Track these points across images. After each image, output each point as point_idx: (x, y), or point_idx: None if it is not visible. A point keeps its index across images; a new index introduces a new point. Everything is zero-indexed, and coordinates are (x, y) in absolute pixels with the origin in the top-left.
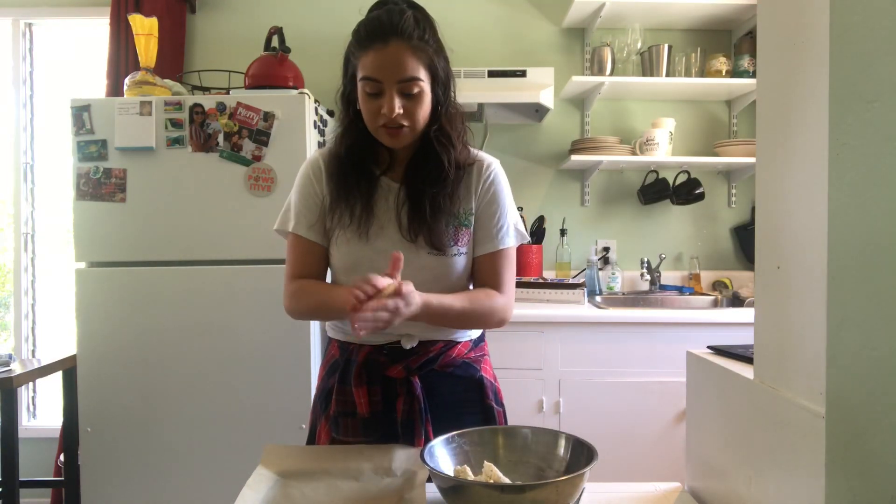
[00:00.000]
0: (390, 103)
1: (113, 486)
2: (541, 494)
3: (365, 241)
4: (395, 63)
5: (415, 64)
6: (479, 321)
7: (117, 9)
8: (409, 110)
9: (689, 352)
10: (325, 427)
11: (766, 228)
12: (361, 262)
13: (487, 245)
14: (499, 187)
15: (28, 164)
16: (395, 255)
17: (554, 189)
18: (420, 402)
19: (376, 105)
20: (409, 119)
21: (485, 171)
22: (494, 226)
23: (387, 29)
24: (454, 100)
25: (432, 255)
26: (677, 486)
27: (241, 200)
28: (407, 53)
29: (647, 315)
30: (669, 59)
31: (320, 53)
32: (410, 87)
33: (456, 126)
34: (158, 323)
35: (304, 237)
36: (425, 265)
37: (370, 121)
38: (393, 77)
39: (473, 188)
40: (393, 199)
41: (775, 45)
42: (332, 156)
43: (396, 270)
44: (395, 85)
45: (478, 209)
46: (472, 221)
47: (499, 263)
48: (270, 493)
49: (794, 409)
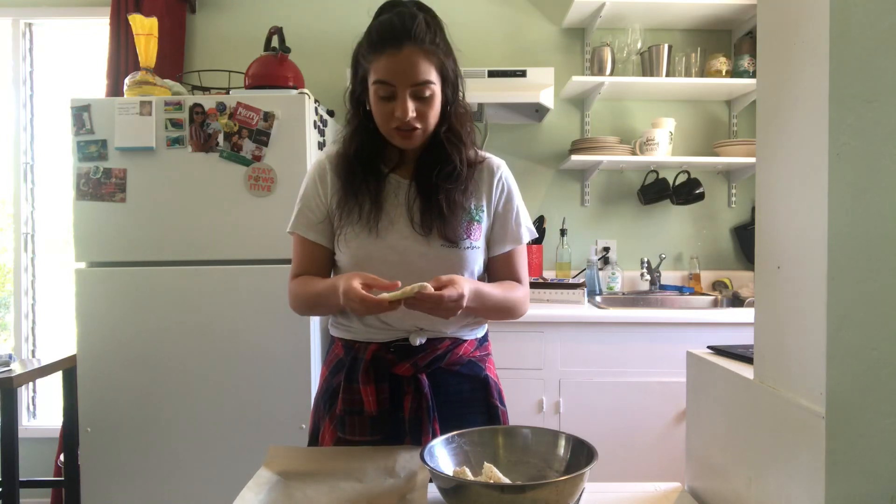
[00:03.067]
0: (404, 107)
1: (113, 486)
2: (541, 494)
3: (375, 236)
4: (408, 67)
5: (427, 67)
6: (512, 310)
7: (117, 9)
8: (422, 112)
9: (689, 352)
10: (330, 427)
11: (766, 228)
12: (372, 257)
13: (507, 243)
14: (512, 188)
15: (28, 164)
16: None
17: (554, 189)
18: (428, 400)
19: (389, 108)
20: (422, 121)
21: (496, 171)
22: (512, 224)
23: (399, 33)
24: (462, 99)
25: (445, 247)
26: (677, 486)
27: (241, 200)
28: (420, 57)
29: (647, 315)
30: (669, 59)
31: (320, 53)
32: (423, 91)
33: (465, 125)
34: (158, 323)
35: (305, 237)
36: (439, 257)
37: (383, 123)
38: (406, 81)
39: (485, 186)
40: (403, 195)
41: (775, 45)
42: (340, 156)
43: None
44: (409, 88)
45: (495, 210)
46: (483, 217)
47: (517, 260)
48: (272, 493)
49: (794, 409)
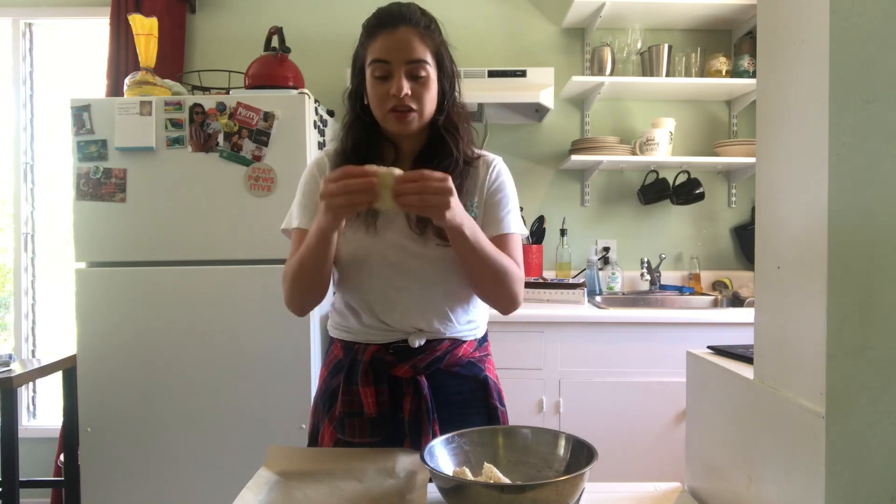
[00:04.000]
0: (399, 83)
1: (113, 486)
2: (541, 494)
3: (373, 234)
4: (403, 44)
5: (422, 48)
6: (504, 274)
7: (117, 9)
8: (417, 93)
9: (689, 352)
10: (329, 428)
11: (766, 228)
12: (371, 255)
13: (493, 228)
14: (505, 179)
15: (28, 164)
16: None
17: (554, 189)
18: (427, 402)
19: (384, 88)
20: (417, 102)
21: (491, 164)
22: (500, 212)
23: (395, 16)
24: (459, 98)
25: (441, 246)
26: (677, 486)
27: (241, 200)
28: (415, 37)
29: (647, 315)
30: (669, 59)
31: (320, 53)
32: (418, 70)
33: (462, 120)
34: (158, 323)
35: (305, 229)
36: (435, 257)
37: (378, 106)
38: (401, 58)
39: (480, 181)
40: None
41: (775, 45)
42: (338, 152)
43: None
44: (404, 66)
45: (485, 199)
46: (478, 213)
47: (508, 245)
48: (272, 493)
49: (794, 409)
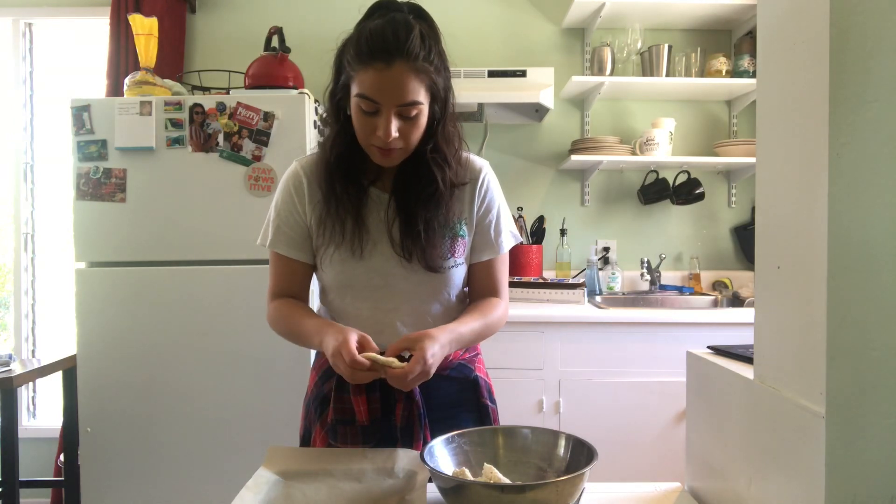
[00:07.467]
0: (387, 127)
1: (113, 486)
2: (541, 494)
3: (359, 259)
4: (396, 87)
5: (416, 87)
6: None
7: (117, 9)
8: (405, 133)
9: (689, 352)
10: (321, 433)
11: (766, 228)
12: (356, 281)
13: (486, 252)
14: (494, 195)
15: (28, 164)
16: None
17: (554, 189)
18: (419, 408)
19: (371, 124)
20: (404, 141)
21: (479, 180)
22: (492, 233)
23: (392, 48)
24: (452, 113)
25: (427, 272)
26: (677, 486)
27: (241, 200)
28: (410, 76)
29: (647, 315)
30: (669, 59)
31: (320, 53)
32: (409, 111)
33: (452, 143)
34: (158, 323)
35: (284, 255)
36: (422, 281)
37: (363, 137)
38: (392, 101)
39: (468, 199)
40: (384, 212)
41: (775, 45)
42: (321, 164)
43: (398, 350)
44: (394, 108)
45: (476, 219)
46: (466, 232)
47: (496, 269)
48: (271, 493)
49: (794, 409)
